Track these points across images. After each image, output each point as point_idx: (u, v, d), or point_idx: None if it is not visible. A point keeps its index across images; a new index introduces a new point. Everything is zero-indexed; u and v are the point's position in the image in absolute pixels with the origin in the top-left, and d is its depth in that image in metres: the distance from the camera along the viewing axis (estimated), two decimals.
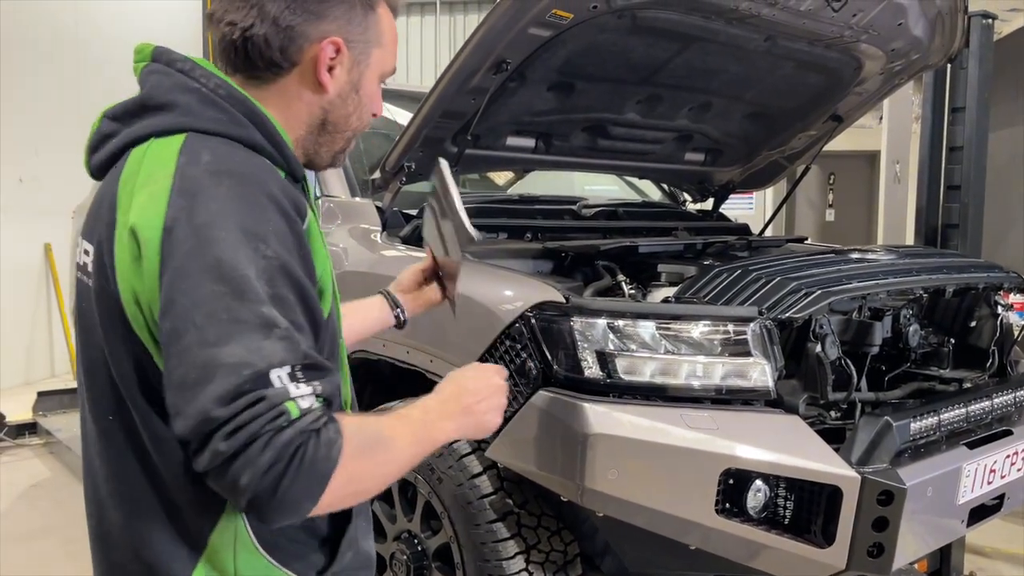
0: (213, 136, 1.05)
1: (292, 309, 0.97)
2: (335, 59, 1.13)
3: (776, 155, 3.57)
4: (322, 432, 0.94)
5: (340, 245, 2.74)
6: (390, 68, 1.20)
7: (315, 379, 0.96)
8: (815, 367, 2.07)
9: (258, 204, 0.99)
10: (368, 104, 1.19)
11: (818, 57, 2.85)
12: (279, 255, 0.97)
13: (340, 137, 1.19)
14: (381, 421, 1.06)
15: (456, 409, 1.17)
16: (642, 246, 2.63)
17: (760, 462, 1.86)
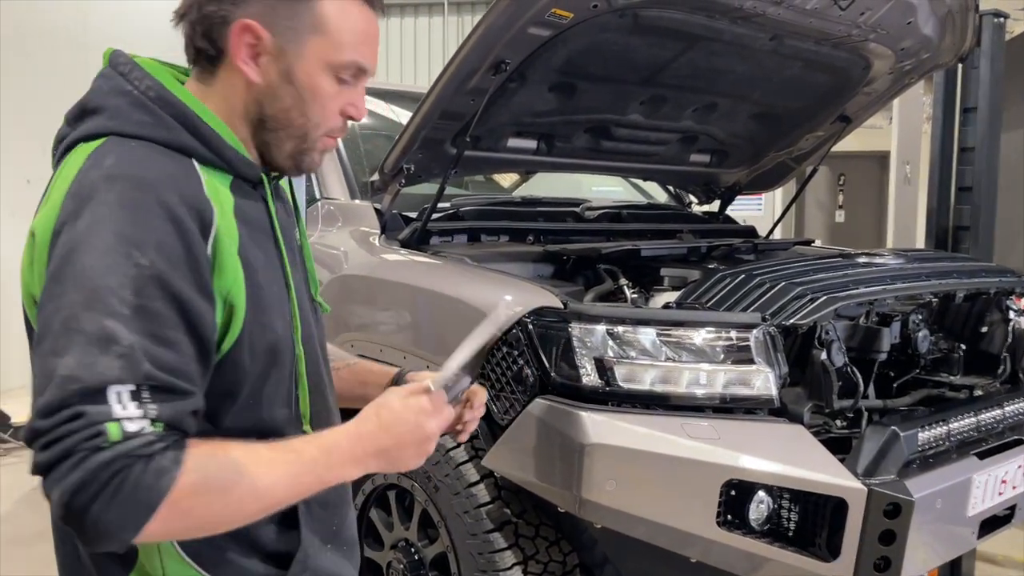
0: (136, 140, 1.02)
1: (161, 322, 0.93)
2: (257, 46, 1.06)
3: (783, 156, 3.51)
4: (153, 459, 0.88)
5: (341, 248, 2.71)
6: (344, 60, 1.08)
7: (160, 402, 0.91)
8: (820, 375, 2.02)
9: (145, 210, 0.95)
10: (313, 99, 1.08)
11: (826, 56, 2.80)
12: (155, 264, 0.93)
13: (286, 136, 1.10)
14: (253, 453, 0.97)
15: (370, 450, 1.04)
16: (645, 249, 2.58)
17: (763, 473, 1.81)
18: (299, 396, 1.12)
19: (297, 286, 1.15)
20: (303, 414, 1.13)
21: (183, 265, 0.95)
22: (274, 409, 1.09)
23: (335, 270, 2.65)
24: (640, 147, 3.08)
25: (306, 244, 1.23)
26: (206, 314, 0.97)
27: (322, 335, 1.25)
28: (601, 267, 2.54)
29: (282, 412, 1.10)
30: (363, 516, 2.48)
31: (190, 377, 0.95)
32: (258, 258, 1.06)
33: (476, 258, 2.41)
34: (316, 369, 1.18)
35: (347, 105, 1.12)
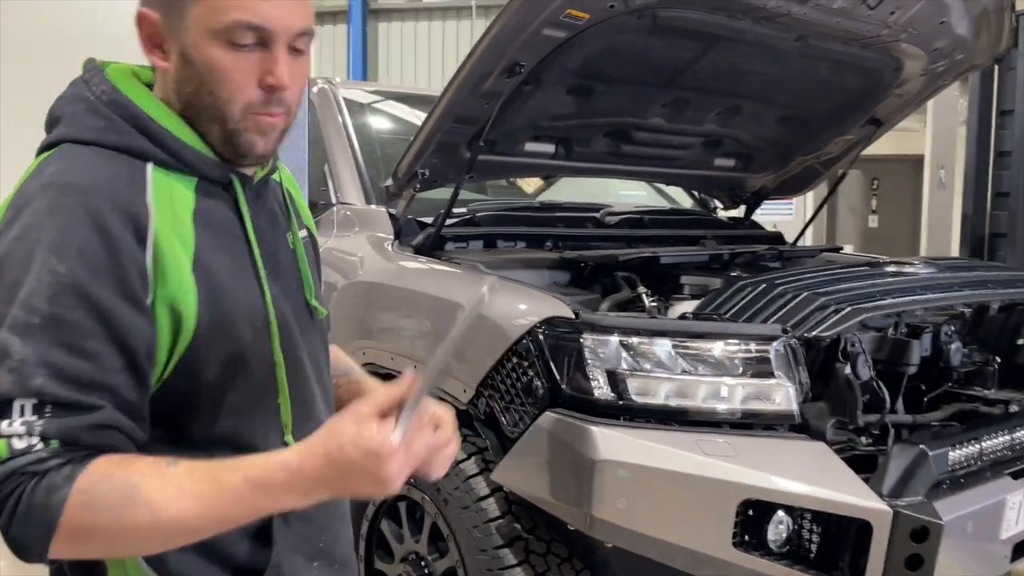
0: (88, 146, 0.99)
1: (78, 332, 0.90)
2: (153, 33, 1.01)
3: (811, 160, 3.42)
4: (46, 477, 0.86)
5: (357, 254, 2.67)
6: (226, 20, 0.97)
7: (52, 417, 0.88)
8: (844, 389, 1.93)
9: (69, 216, 0.92)
10: (212, 74, 0.98)
11: (854, 57, 2.71)
12: (73, 272, 0.90)
13: (207, 120, 1.01)
14: (159, 481, 0.90)
15: (312, 483, 0.90)
16: (664, 256, 2.51)
17: (781, 492, 1.73)
18: (279, 405, 1.07)
19: (282, 290, 1.10)
20: (284, 424, 1.08)
21: (106, 273, 0.92)
22: (244, 419, 1.04)
23: (349, 276, 2.61)
24: (662, 151, 3.01)
25: (299, 246, 1.16)
26: (133, 322, 0.93)
27: (317, 341, 1.18)
28: (619, 275, 2.47)
29: (256, 422, 1.05)
30: (374, 527, 2.44)
31: (110, 389, 0.92)
32: (221, 263, 1.01)
33: (490, 265, 2.36)
34: (302, 377, 1.12)
35: (262, 74, 0.99)
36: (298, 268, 1.15)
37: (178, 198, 1.00)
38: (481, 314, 2.04)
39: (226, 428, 1.03)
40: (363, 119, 3.36)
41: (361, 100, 3.50)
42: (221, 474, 0.91)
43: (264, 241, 1.09)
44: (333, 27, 10.67)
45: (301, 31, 1.01)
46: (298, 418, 1.10)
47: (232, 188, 1.06)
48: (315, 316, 1.17)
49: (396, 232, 2.61)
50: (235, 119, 1.01)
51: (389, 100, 3.78)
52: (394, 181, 2.56)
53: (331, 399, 1.22)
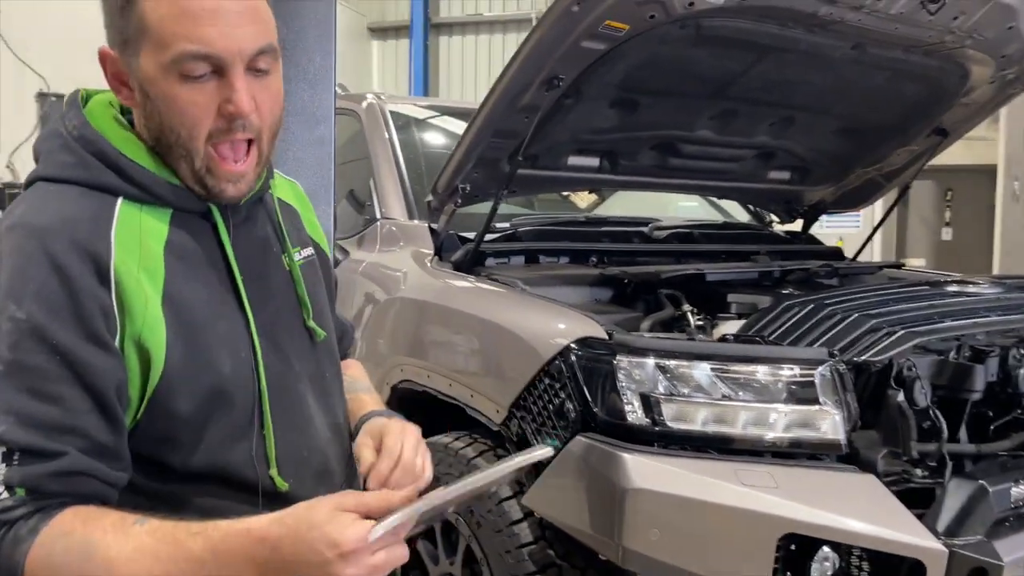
0: (58, 183, 0.98)
1: (41, 377, 0.89)
2: (116, 71, 0.99)
3: (873, 172, 3.27)
4: (13, 527, 0.87)
5: (400, 269, 2.65)
6: (174, 53, 0.93)
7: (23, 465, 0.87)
8: (896, 417, 1.82)
9: (28, 259, 0.91)
10: (170, 108, 0.95)
11: (916, 65, 2.58)
12: (32, 316, 0.89)
13: (175, 157, 0.99)
14: (119, 539, 0.88)
15: (267, 555, 0.86)
16: (710, 273, 2.42)
17: (826, 527, 1.63)
18: (264, 437, 1.03)
19: (273, 316, 1.07)
20: (268, 457, 1.04)
21: (66, 314, 0.91)
22: (228, 452, 1.01)
23: (391, 291, 2.60)
24: (711, 164, 2.91)
25: (295, 268, 1.13)
26: (95, 362, 0.91)
27: (320, 363, 1.15)
28: (662, 292, 2.39)
29: (240, 455, 1.02)
30: (411, 547, 2.40)
31: (79, 432, 0.91)
32: (195, 295, 0.99)
33: (529, 281, 2.31)
34: (296, 404, 1.08)
35: (222, 102, 0.96)
36: (295, 291, 1.12)
37: (148, 232, 0.98)
38: (514, 334, 1.99)
39: (209, 461, 1.00)
40: (410, 133, 3.36)
41: (409, 114, 3.51)
42: (182, 536, 0.88)
43: (250, 267, 1.06)
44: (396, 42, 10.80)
45: (258, 51, 0.97)
46: (289, 448, 1.06)
47: (211, 215, 1.04)
48: (315, 338, 1.13)
49: (437, 247, 2.59)
50: (198, 153, 0.98)
51: (437, 114, 3.78)
52: (435, 196, 2.53)
53: (342, 423, 1.18)
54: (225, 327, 1.01)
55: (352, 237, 3.00)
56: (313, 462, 1.10)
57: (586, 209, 3.58)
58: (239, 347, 1.02)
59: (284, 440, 1.05)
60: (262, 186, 1.11)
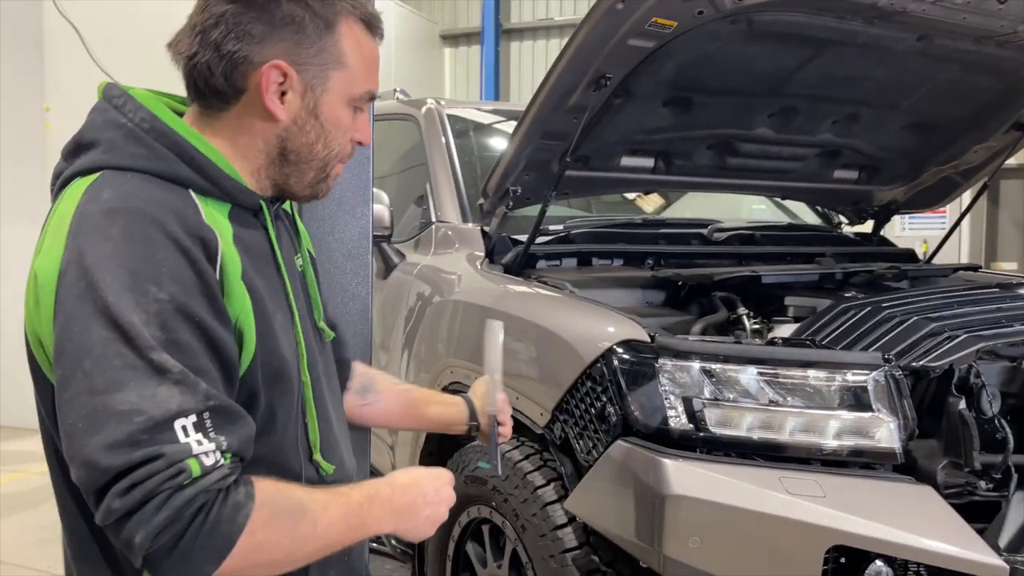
0: (130, 172, 0.99)
1: (192, 353, 0.92)
2: (284, 84, 1.04)
3: (948, 170, 3.12)
4: (230, 493, 0.90)
5: (454, 272, 2.67)
6: (361, 91, 1.10)
7: (223, 430, 0.91)
8: (957, 426, 1.72)
9: (152, 243, 0.93)
10: (335, 131, 1.09)
11: (988, 57, 2.45)
12: (174, 297, 0.92)
13: (308, 167, 1.10)
14: (311, 494, 0.99)
15: (404, 502, 1.09)
16: (766, 275, 2.35)
17: (876, 539, 1.56)
18: (307, 424, 1.10)
19: (300, 313, 1.12)
20: (313, 443, 1.11)
21: (199, 294, 0.94)
22: (285, 437, 1.07)
23: (444, 294, 2.61)
24: (772, 163, 2.83)
25: (308, 268, 1.20)
26: (226, 339, 0.96)
27: (328, 362, 1.22)
28: (716, 295, 2.34)
29: (290, 441, 1.08)
30: (459, 550, 2.40)
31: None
32: (261, 285, 1.04)
33: (578, 283, 2.28)
34: (322, 398, 1.15)
35: (356, 132, 1.13)
36: (307, 291, 1.19)
37: (220, 223, 1.03)
38: (558, 336, 1.97)
39: (268, 445, 1.05)
40: (468, 138, 3.37)
41: (468, 118, 3.52)
42: (343, 490, 1.04)
43: (287, 264, 1.12)
44: (468, 48, 10.88)
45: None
46: (323, 438, 1.13)
47: (261, 214, 1.10)
48: (323, 338, 1.20)
49: (489, 250, 2.59)
50: (330, 168, 1.12)
51: (500, 118, 3.78)
52: (486, 199, 2.53)
53: (344, 421, 1.25)
54: (280, 317, 1.07)
55: (408, 241, 3.04)
56: (336, 452, 1.16)
57: (653, 212, 3.52)
58: (290, 337, 1.08)
59: (321, 429, 1.12)
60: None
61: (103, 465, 0.85)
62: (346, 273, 1.65)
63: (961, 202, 4.02)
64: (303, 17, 1.03)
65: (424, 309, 2.65)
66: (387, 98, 3.91)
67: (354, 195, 1.61)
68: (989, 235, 8.10)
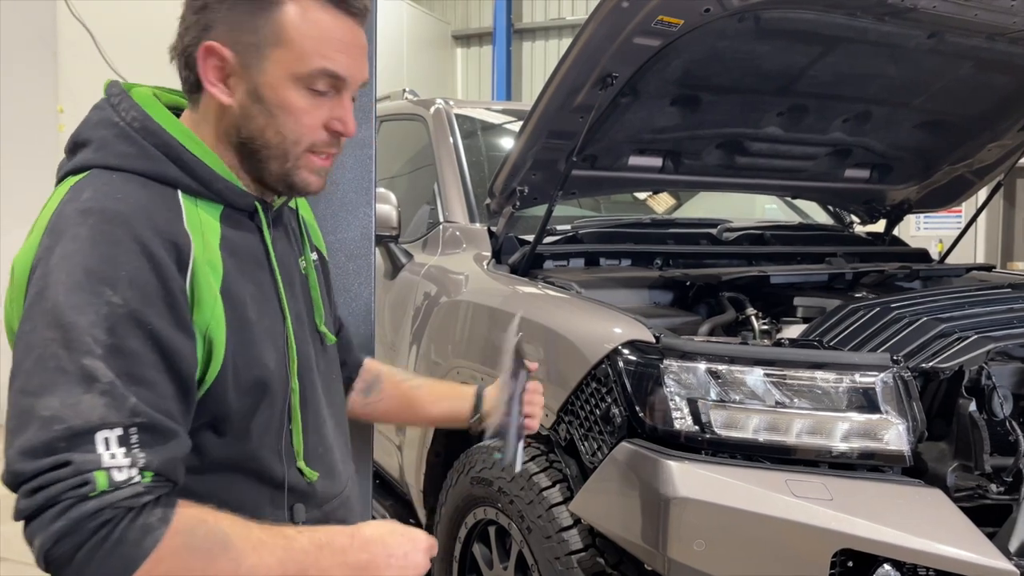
0: (118, 172, 0.99)
1: (136, 361, 0.89)
2: (222, 66, 1.02)
3: (961, 169, 3.09)
4: (142, 514, 0.86)
5: (461, 272, 2.66)
6: (309, 68, 1.02)
7: (149, 447, 0.87)
8: (968, 428, 1.70)
9: (117, 245, 0.91)
10: (283, 114, 1.02)
11: (1002, 54, 2.42)
12: (128, 302, 0.90)
13: (266, 156, 1.05)
14: (244, 529, 0.93)
15: (362, 559, 1.00)
16: (775, 275, 2.33)
17: (883, 543, 1.53)
18: (291, 431, 1.07)
19: (297, 317, 1.10)
20: (296, 451, 1.08)
21: (158, 301, 0.92)
22: (263, 445, 1.04)
23: (452, 294, 2.60)
24: (782, 162, 2.80)
25: (311, 271, 1.18)
26: (184, 350, 0.94)
27: (329, 366, 1.20)
28: (724, 295, 2.32)
29: (271, 449, 1.05)
30: (466, 551, 2.40)
31: (172, 416, 0.92)
32: (246, 290, 1.02)
33: (585, 284, 2.27)
34: (315, 403, 1.12)
35: (331, 119, 1.06)
36: (309, 294, 1.16)
37: (207, 226, 1.01)
38: (562, 337, 1.96)
39: (246, 453, 1.03)
40: (476, 138, 3.37)
41: (477, 118, 3.51)
42: (288, 532, 0.97)
43: (283, 267, 1.10)
44: (479, 48, 10.89)
45: (363, 83, 1.08)
46: (309, 444, 1.10)
47: (256, 215, 1.08)
48: (325, 342, 1.17)
49: (495, 250, 2.58)
50: (294, 157, 1.05)
51: (508, 118, 3.77)
52: (492, 198, 2.52)
53: (344, 425, 1.22)
54: (268, 323, 1.04)
55: (416, 241, 3.03)
56: (327, 459, 1.14)
57: (664, 212, 3.50)
58: (278, 343, 1.05)
59: (308, 436, 1.10)
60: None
61: (15, 468, 0.85)
62: (348, 273, 1.64)
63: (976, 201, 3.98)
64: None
65: (431, 309, 2.65)
66: (396, 98, 3.91)
67: (356, 195, 1.60)
68: (1005, 234, 8.01)
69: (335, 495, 1.14)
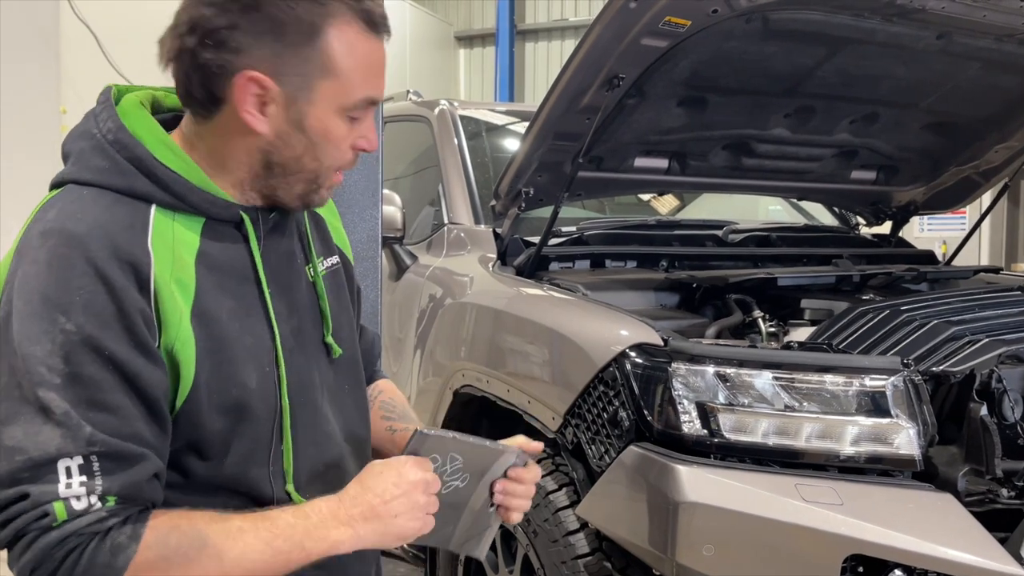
0: (90, 187, 0.96)
1: (96, 387, 0.88)
2: (264, 95, 0.97)
3: (969, 171, 3.08)
4: (109, 536, 0.86)
5: (466, 274, 2.65)
6: (356, 99, 1.00)
7: (110, 473, 0.87)
8: (978, 432, 1.69)
9: (71, 269, 0.89)
10: (324, 143, 1.00)
11: (1010, 55, 2.41)
12: (82, 328, 0.88)
13: (296, 179, 1.02)
14: (222, 523, 0.91)
15: (354, 512, 0.96)
16: (782, 277, 2.32)
17: (895, 548, 1.52)
18: (282, 452, 1.03)
19: (294, 331, 1.06)
20: (285, 472, 1.03)
21: (115, 324, 0.90)
22: (250, 465, 1.00)
23: (455, 296, 2.59)
24: (789, 164, 2.79)
25: (319, 281, 1.12)
26: (145, 371, 0.91)
27: (341, 379, 1.14)
28: (731, 297, 2.30)
29: (260, 468, 1.01)
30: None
31: (140, 438, 0.91)
32: (223, 307, 0.98)
33: (591, 286, 2.26)
34: (315, 421, 1.07)
35: (358, 139, 1.04)
36: (319, 304, 1.12)
37: (181, 241, 0.98)
38: (569, 339, 1.95)
39: (230, 474, 1.00)
40: (481, 139, 3.35)
41: (481, 119, 3.50)
42: (271, 513, 0.95)
43: (277, 278, 1.06)
44: (482, 49, 10.88)
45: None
46: (307, 463, 1.06)
47: (243, 226, 1.03)
48: (332, 354, 1.12)
49: (501, 252, 2.57)
50: (323, 179, 1.04)
51: (512, 119, 3.76)
52: (498, 200, 2.51)
53: (361, 436, 1.17)
54: (251, 340, 1.00)
55: (421, 242, 3.02)
56: (330, 477, 1.08)
57: (668, 214, 3.49)
58: (264, 361, 1.01)
59: (303, 455, 1.05)
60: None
61: None
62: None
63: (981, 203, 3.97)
64: (283, 22, 0.94)
65: (436, 311, 2.63)
66: (400, 99, 3.90)
67: (363, 197, 1.59)
68: (1009, 236, 8.00)
69: None
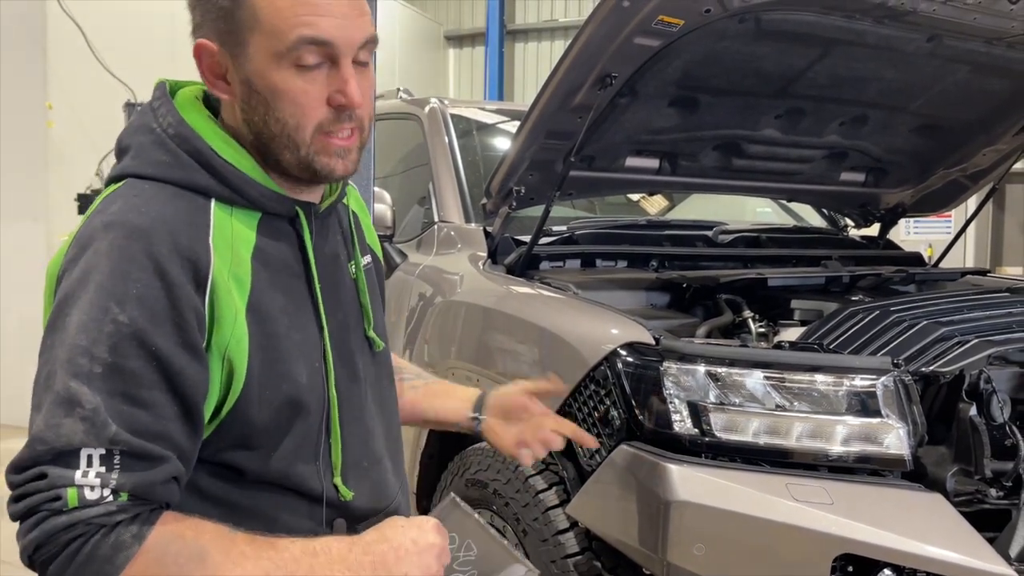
0: (151, 181, 0.97)
1: (136, 382, 0.88)
2: (214, 63, 0.98)
3: (956, 174, 3.09)
4: (114, 531, 0.86)
5: (456, 272, 2.64)
6: (288, 42, 0.94)
7: (128, 470, 0.87)
8: (968, 433, 1.69)
9: (131, 262, 0.90)
10: (277, 99, 0.95)
11: (999, 59, 2.42)
12: (134, 322, 0.88)
13: (277, 147, 0.98)
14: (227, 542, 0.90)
15: (364, 560, 0.95)
16: (772, 278, 2.32)
17: (885, 548, 1.52)
18: (330, 446, 1.03)
19: (340, 325, 1.07)
20: (333, 465, 1.04)
21: (166, 321, 0.90)
22: (299, 460, 1.01)
23: (445, 295, 2.58)
24: (779, 165, 2.80)
25: (361, 276, 1.12)
26: (189, 370, 0.91)
27: (380, 374, 1.15)
28: (722, 297, 2.31)
29: (309, 464, 1.02)
30: None
31: (168, 439, 0.90)
32: (276, 303, 0.99)
33: (581, 285, 2.26)
34: (360, 415, 1.08)
35: (332, 93, 0.97)
36: (359, 300, 1.12)
37: (239, 237, 0.98)
38: (560, 338, 1.95)
39: (280, 469, 1.01)
40: (471, 137, 3.35)
41: (472, 118, 3.50)
42: (280, 543, 0.94)
43: (326, 274, 1.06)
44: (472, 49, 10.87)
45: (365, 41, 0.98)
46: (352, 458, 1.07)
47: (297, 221, 1.03)
48: (374, 348, 1.13)
49: (491, 251, 2.56)
50: (304, 143, 0.98)
51: (502, 118, 3.76)
52: (488, 198, 2.50)
53: (396, 433, 1.19)
54: (302, 336, 1.00)
55: (411, 241, 3.01)
56: (372, 473, 1.09)
57: (657, 214, 3.50)
58: (314, 357, 1.01)
59: (349, 450, 1.05)
60: (341, 191, 1.11)
61: (7, 478, 0.88)
62: None
63: (967, 206, 3.99)
64: None
65: (426, 310, 2.63)
66: (391, 97, 3.89)
67: None
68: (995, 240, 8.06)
69: (381, 509, 1.09)
